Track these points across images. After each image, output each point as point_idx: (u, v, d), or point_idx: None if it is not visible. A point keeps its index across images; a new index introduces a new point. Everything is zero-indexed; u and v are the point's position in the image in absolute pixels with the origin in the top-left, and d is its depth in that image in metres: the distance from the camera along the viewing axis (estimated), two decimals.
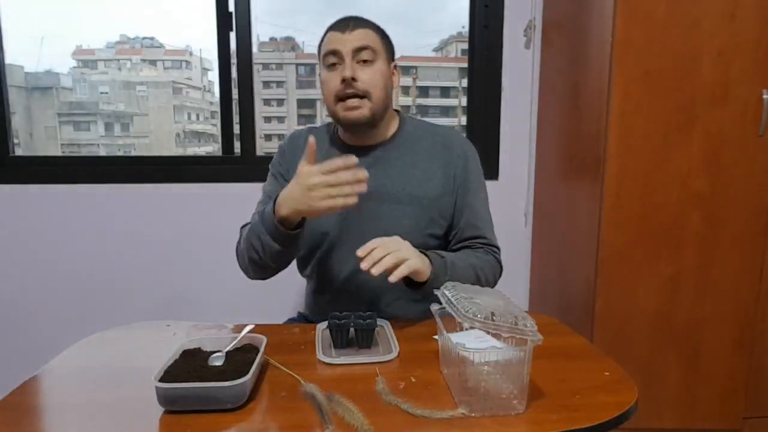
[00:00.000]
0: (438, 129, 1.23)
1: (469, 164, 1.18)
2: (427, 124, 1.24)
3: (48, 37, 2.23)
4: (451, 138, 1.20)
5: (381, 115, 1.13)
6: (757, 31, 1.47)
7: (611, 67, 1.50)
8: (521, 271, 2.12)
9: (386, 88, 1.12)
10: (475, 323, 0.72)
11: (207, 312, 2.00)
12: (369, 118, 1.10)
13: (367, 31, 1.10)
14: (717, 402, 1.64)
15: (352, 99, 1.08)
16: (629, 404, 0.73)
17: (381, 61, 1.10)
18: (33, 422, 0.73)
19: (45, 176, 1.95)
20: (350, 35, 1.08)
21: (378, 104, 1.10)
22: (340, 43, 1.08)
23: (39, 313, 1.99)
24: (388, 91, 1.14)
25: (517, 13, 1.98)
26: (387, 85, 1.12)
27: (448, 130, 1.25)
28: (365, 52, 1.08)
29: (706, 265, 1.57)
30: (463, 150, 1.19)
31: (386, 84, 1.12)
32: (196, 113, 2.89)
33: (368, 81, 1.08)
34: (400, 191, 1.13)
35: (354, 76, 1.07)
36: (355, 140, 1.18)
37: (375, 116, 1.11)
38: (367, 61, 1.08)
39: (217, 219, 1.99)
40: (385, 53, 1.12)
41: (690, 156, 1.53)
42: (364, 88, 1.08)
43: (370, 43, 1.09)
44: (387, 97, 1.13)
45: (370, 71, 1.09)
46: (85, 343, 0.99)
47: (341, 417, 0.69)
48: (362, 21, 1.12)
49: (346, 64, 1.07)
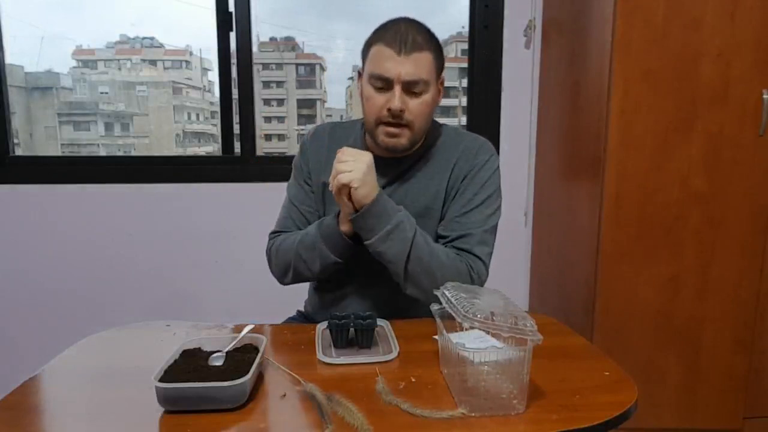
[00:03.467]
0: (462, 137, 1.17)
1: (479, 174, 1.12)
2: (459, 134, 1.18)
3: (48, 37, 2.23)
4: (470, 149, 1.14)
5: (419, 141, 1.11)
6: (757, 31, 1.47)
7: (611, 67, 1.50)
8: (521, 271, 2.12)
9: (431, 116, 1.09)
10: (475, 323, 0.72)
11: (207, 312, 2.00)
12: (406, 146, 1.07)
13: (424, 56, 1.02)
14: (717, 402, 1.64)
15: (395, 127, 1.04)
16: (629, 404, 0.73)
17: (431, 90, 1.05)
18: (33, 422, 0.73)
19: (45, 176, 1.96)
20: (405, 60, 1.00)
21: (418, 134, 1.07)
22: (393, 69, 1.00)
23: (39, 313, 1.99)
24: (431, 116, 1.10)
25: (517, 13, 1.98)
26: (432, 112, 1.09)
27: (475, 139, 1.17)
28: (418, 86, 1.02)
29: (706, 265, 1.57)
30: (477, 162, 1.12)
31: (432, 111, 1.08)
32: (196, 113, 2.88)
33: (415, 113, 1.04)
34: (415, 203, 1.10)
35: (403, 107, 1.02)
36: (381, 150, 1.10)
37: (413, 144, 1.09)
38: (417, 92, 1.03)
39: (217, 219, 1.99)
40: (436, 77, 1.06)
41: (690, 156, 1.53)
42: (409, 119, 1.04)
43: (424, 74, 1.02)
44: (428, 124, 1.10)
45: (418, 102, 1.04)
46: (85, 343, 0.99)
47: (341, 417, 0.69)
48: (421, 39, 1.02)
49: (395, 95, 1.01)
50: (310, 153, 1.18)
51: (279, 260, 1.14)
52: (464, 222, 1.10)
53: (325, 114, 2.87)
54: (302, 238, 1.10)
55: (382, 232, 1.00)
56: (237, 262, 1.99)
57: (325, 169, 1.11)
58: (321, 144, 1.18)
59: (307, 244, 1.08)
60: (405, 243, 1.01)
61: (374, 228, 1.00)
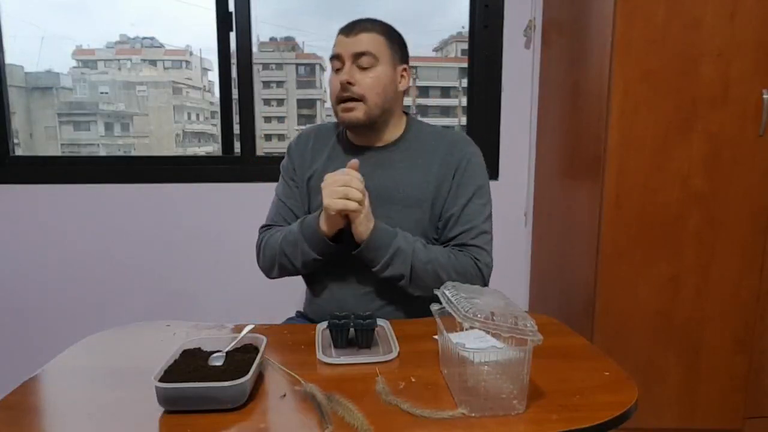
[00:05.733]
0: (445, 132, 1.23)
1: (470, 168, 1.16)
2: (435, 128, 1.24)
3: (48, 37, 2.23)
4: (455, 141, 1.20)
5: (379, 118, 1.15)
6: (757, 31, 1.47)
7: (611, 67, 1.50)
8: (521, 271, 2.12)
9: (385, 93, 1.13)
10: (475, 323, 0.72)
11: (207, 312, 2.00)
12: (363, 120, 1.13)
13: (372, 36, 1.12)
14: (717, 402, 1.64)
15: (349, 102, 1.12)
16: (629, 404, 0.73)
17: (383, 66, 1.12)
18: (33, 422, 0.73)
19: (45, 176, 1.96)
20: (353, 39, 1.11)
21: (374, 108, 1.12)
22: (343, 47, 1.12)
23: (39, 313, 1.99)
24: (388, 95, 1.14)
25: (517, 13, 1.98)
26: (387, 89, 1.13)
27: (455, 133, 1.27)
28: (365, 58, 1.11)
29: (706, 264, 1.57)
30: (465, 154, 1.17)
31: (386, 88, 1.13)
32: (196, 113, 2.88)
33: (365, 86, 1.11)
34: (398, 193, 1.14)
35: (350, 80, 1.10)
36: (359, 140, 1.20)
37: (371, 119, 1.13)
38: (366, 66, 1.11)
39: (217, 219, 1.99)
40: (390, 57, 1.14)
41: (690, 156, 1.53)
42: (360, 93, 1.11)
43: (371, 48, 1.11)
44: (386, 101, 1.14)
45: (368, 76, 1.11)
46: (85, 343, 0.99)
47: (341, 417, 0.69)
48: (370, 24, 1.13)
49: (345, 69, 1.11)
50: (295, 155, 1.25)
51: (266, 255, 1.20)
52: (464, 217, 1.15)
53: (325, 114, 2.87)
54: (286, 235, 1.15)
55: (383, 261, 1.07)
56: (237, 262, 1.98)
57: (310, 165, 1.22)
58: (306, 145, 1.25)
59: (290, 240, 1.13)
60: (406, 263, 1.07)
61: (375, 258, 1.08)
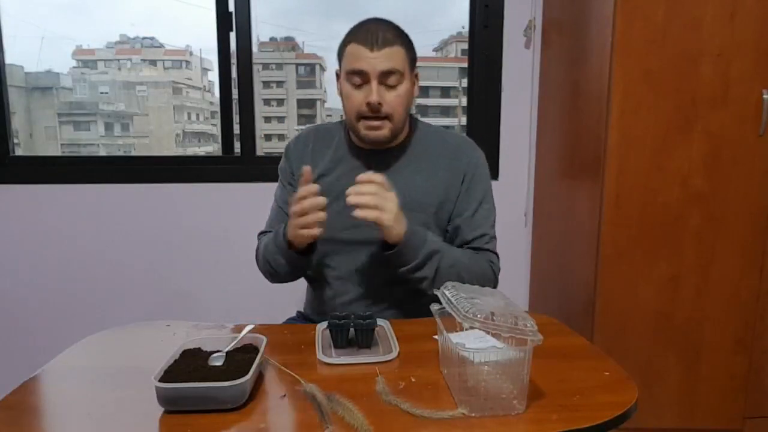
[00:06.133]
0: (449, 136, 1.23)
1: (477, 174, 1.17)
2: (439, 130, 1.24)
3: (48, 37, 2.23)
4: (460, 145, 1.20)
5: (400, 131, 1.15)
6: (757, 31, 1.47)
7: (611, 67, 1.50)
8: (521, 271, 2.12)
9: (408, 107, 1.13)
10: (475, 323, 0.72)
11: (207, 312, 2.00)
12: (388, 137, 1.12)
13: (395, 50, 1.06)
14: (717, 402, 1.64)
15: (374, 120, 1.08)
16: (629, 404, 0.73)
17: (406, 82, 1.10)
18: (33, 422, 0.73)
19: (45, 176, 1.96)
20: (378, 54, 1.05)
21: (398, 124, 1.11)
22: (367, 63, 1.05)
23: (39, 313, 1.99)
24: (409, 108, 1.14)
25: (517, 13, 1.98)
26: (409, 103, 1.13)
27: (459, 137, 1.25)
28: (393, 77, 1.07)
29: (706, 265, 1.57)
30: (471, 159, 1.18)
31: (408, 103, 1.13)
32: (196, 113, 2.88)
33: (393, 104, 1.08)
34: (403, 196, 1.11)
35: (381, 101, 1.06)
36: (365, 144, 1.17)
37: (395, 135, 1.13)
38: (393, 84, 1.07)
39: (217, 219, 1.99)
40: (409, 69, 1.11)
41: (690, 156, 1.53)
42: (388, 112, 1.08)
43: (398, 65, 1.07)
44: (407, 114, 1.14)
45: (395, 94, 1.08)
46: (85, 343, 0.99)
47: (341, 417, 0.69)
48: (390, 33, 1.07)
49: (372, 88, 1.06)
50: (294, 157, 1.23)
51: (261, 261, 1.19)
52: (475, 223, 1.15)
53: (325, 114, 2.87)
54: (267, 244, 1.15)
55: (415, 263, 1.05)
56: (237, 262, 1.98)
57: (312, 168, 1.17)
58: (305, 146, 1.22)
59: (270, 250, 1.13)
60: (433, 264, 1.06)
61: (407, 260, 1.05)
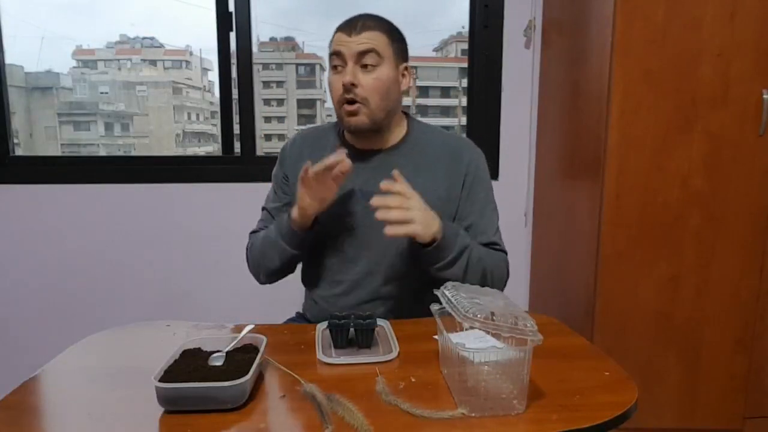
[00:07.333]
0: (447, 136, 1.20)
1: (478, 174, 1.16)
2: (437, 130, 1.21)
3: (48, 37, 2.23)
4: (460, 146, 1.18)
5: (383, 121, 1.10)
6: (757, 31, 1.47)
7: (611, 67, 1.50)
8: (521, 271, 2.12)
9: (388, 95, 1.08)
10: (475, 323, 0.72)
11: (207, 312, 2.00)
12: (367, 124, 1.08)
13: (375, 34, 1.06)
14: (717, 402, 1.64)
15: (351, 104, 1.07)
16: (629, 404, 0.73)
17: (386, 66, 1.07)
18: (33, 422, 0.73)
19: (45, 176, 1.96)
20: (355, 37, 1.05)
21: (377, 111, 1.07)
22: (345, 45, 1.05)
23: (39, 313, 1.99)
24: (392, 97, 1.10)
25: (517, 13, 1.98)
26: (390, 91, 1.08)
27: (458, 137, 1.23)
28: (369, 56, 1.05)
29: (706, 265, 1.57)
30: (472, 159, 1.16)
31: (389, 90, 1.08)
32: (196, 113, 2.89)
33: (368, 87, 1.05)
34: None
35: (354, 81, 1.04)
36: (360, 143, 1.15)
37: (374, 122, 1.09)
38: (370, 65, 1.05)
39: (217, 219, 1.99)
40: (393, 56, 1.08)
41: (690, 156, 1.53)
42: (363, 95, 1.05)
43: (375, 46, 1.05)
44: (390, 103, 1.10)
45: (372, 77, 1.06)
46: (85, 343, 0.99)
47: (341, 417, 0.69)
48: (372, 21, 1.07)
49: (347, 69, 1.05)
50: (288, 162, 1.21)
51: (252, 259, 1.20)
52: (483, 224, 1.15)
53: (325, 114, 2.87)
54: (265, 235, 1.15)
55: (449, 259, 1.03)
56: (237, 262, 1.96)
57: None
58: (300, 151, 1.20)
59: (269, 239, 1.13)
60: (464, 260, 1.04)
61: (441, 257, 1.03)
